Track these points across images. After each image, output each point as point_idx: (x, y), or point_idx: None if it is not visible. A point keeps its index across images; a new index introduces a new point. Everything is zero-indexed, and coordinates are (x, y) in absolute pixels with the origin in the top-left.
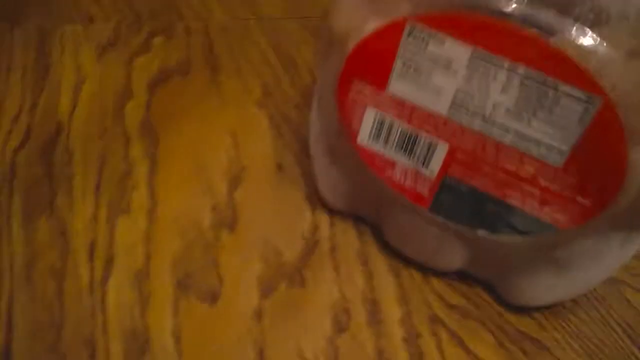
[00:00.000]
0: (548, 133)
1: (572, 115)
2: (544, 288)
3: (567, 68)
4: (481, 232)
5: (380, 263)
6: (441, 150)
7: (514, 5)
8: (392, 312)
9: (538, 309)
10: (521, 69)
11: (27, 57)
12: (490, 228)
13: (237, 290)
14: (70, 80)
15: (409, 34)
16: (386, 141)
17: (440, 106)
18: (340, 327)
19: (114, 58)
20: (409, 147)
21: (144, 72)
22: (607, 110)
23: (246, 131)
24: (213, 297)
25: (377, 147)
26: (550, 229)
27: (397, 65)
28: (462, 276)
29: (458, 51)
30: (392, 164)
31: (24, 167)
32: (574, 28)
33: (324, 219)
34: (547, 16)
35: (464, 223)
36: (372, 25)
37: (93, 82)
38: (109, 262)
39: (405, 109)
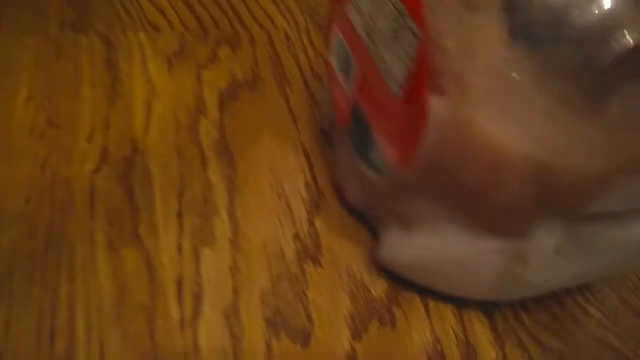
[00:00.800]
0: (397, 63)
1: (407, 48)
2: (394, 245)
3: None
4: (362, 165)
5: (470, 301)
6: (355, 71)
7: None
8: (488, 356)
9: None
10: None
11: (95, 68)
12: (366, 160)
13: (328, 330)
14: (141, 95)
15: None
16: (337, 58)
17: (360, 28)
18: None
19: (182, 70)
20: (345, 66)
21: (214, 86)
22: (424, 49)
23: (321, 151)
24: (305, 338)
25: (334, 63)
26: (388, 171)
27: None
28: (556, 318)
29: None
30: (337, 82)
31: (103, 191)
32: None
33: None
34: None
35: (358, 153)
36: None
37: (164, 97)
38: (198, 298)
39: (348, 29)
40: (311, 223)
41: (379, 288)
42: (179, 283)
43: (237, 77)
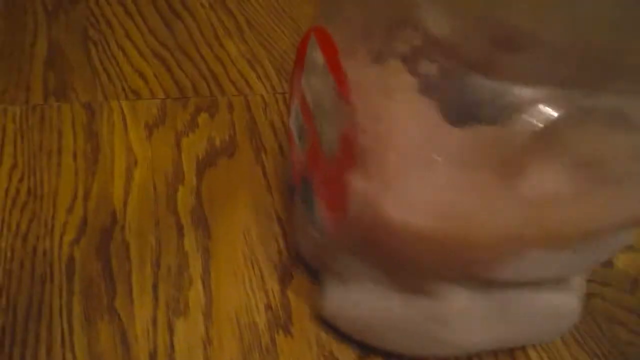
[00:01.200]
0: (333, 138)
1: (340, 126)
2: (334, 300)
3: (340, 77)
4: (309, 224)
5: None
6: (307, 139)
7: None
8: None
9: None
10: (331, 76)
11: (77, 138)
12: (311, 220)
13: None
14: (122, 164)
15: (311, 41)
16: (295, 124)
17: (310, 101)
18: None
19: (162, 138)
20: (300, 133)
21: (192, 153)
22: (349, 128)
23: (293, 217)
24: None
25: (293, 129)
26: (325, 232)
27: (306, 63)
28: None
29: (319, 58)
30: (295, 146)
31: (81, 263)
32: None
33: None
34: None
35: (305, 213)
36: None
37: (144, 165)
38: None
39: (302, 100)
40: (283, 292)
41: (346, 357)
42: (153, 357)
43: (215, 144)
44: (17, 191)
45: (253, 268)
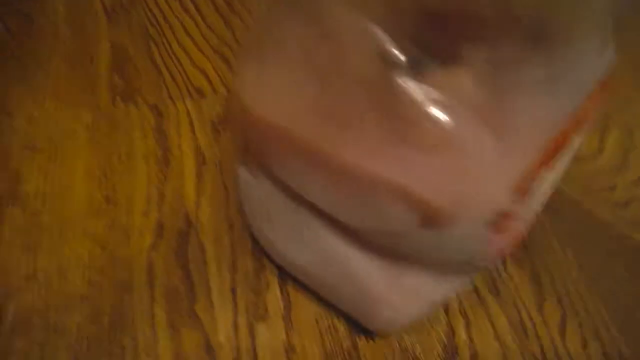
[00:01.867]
0: None
1: None
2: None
3: None
4: None
5: None
6: None
7: None
8: None
9: None
10: None
11: (147, 140)
12: None
13: None
14: (192, 165)
15: None
16: None
17: None
18: None
19: (228, 136)
20: None
21: None
22: None
23: None
24: None
25: None
26: None
27: None
28: None
29: None
30: None
31: (160, 269)
32: None
33: (459, 321)
34: None
35: None
36: None
37: (213, 165)
38: None
39: None
40: None
41: None
42: None
43: None
44: (93, 197)
45: None
